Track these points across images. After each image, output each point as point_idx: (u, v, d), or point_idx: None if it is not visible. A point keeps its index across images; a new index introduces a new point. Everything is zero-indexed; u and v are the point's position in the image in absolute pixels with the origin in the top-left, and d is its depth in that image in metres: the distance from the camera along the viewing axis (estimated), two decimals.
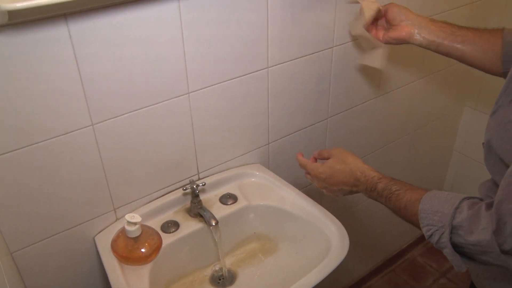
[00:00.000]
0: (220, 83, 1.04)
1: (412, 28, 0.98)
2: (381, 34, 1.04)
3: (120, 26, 0.84)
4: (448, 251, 0.71)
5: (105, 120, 0.91)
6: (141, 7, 0.85)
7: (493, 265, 0.67)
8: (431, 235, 0.72)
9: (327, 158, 0.98)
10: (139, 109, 0.94)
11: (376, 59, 1.10)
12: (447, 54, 0.98)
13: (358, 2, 1.05)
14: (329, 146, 1.39)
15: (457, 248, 0.70)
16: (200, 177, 1.13)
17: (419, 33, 0.98)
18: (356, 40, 1.24)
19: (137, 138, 0.97)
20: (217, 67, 1.01)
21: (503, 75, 0.90)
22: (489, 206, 0.67)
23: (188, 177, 1.10)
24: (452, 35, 0.96)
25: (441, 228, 0.70)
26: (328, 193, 0.99)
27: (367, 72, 1.34)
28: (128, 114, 0.93)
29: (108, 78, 0.87)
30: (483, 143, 0.79)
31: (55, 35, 0.78)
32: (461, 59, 0.97)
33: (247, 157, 1.20)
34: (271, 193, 1.12)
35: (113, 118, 0.92)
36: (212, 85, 1.03)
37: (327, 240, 0.99)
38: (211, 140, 1.10)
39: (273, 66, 1.10)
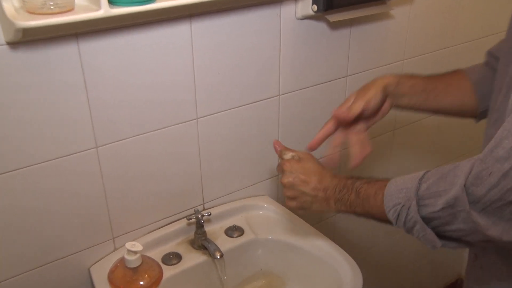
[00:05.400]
0: (230, 109, 1.01)
1: (389, 105, 0.90)
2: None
3: (129, 46, 0.83)
4: (419, 226, 0.64)
5: (110, 143, 0.88)
6: (152, 28, 0.84)
7: (463, 232, 0.62)
8: (398, 215, 0.65)
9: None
10: (145, 133, 0.91)
11: None
12: (424, 112, 0.93)
13: None
14: None
15: (427, 224, 0.64)
16: (206, 207, 1.08)
17: (395, 103, 0.90)
18: (369, 70, 1.22)
19: (141, 163, 0.94)
20: (227, 93, 0.99)
21: (480, 115, 0.88)
22: (455, 165, 0.62)
23: (193, 207, 1.05)
24: (424, 93, 0.89)
25: (407, 202, 0.64)
26: (290, 191, 0.83)
27: None
28: (133, 138, 0.90)
29: (114, 98, 0.85)
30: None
31: (66, 54, 0.77)
32: (438, 113, 0.93)
33: (255, 188, 1.15)
34: (279, 227, 1.07)
35: (118, 141, 0.89)
36: (221, 111, 1.00)
37: (339, 278, 0.93)
38: (218, 169, 1.06)
39: (284, 94, 1.08)
